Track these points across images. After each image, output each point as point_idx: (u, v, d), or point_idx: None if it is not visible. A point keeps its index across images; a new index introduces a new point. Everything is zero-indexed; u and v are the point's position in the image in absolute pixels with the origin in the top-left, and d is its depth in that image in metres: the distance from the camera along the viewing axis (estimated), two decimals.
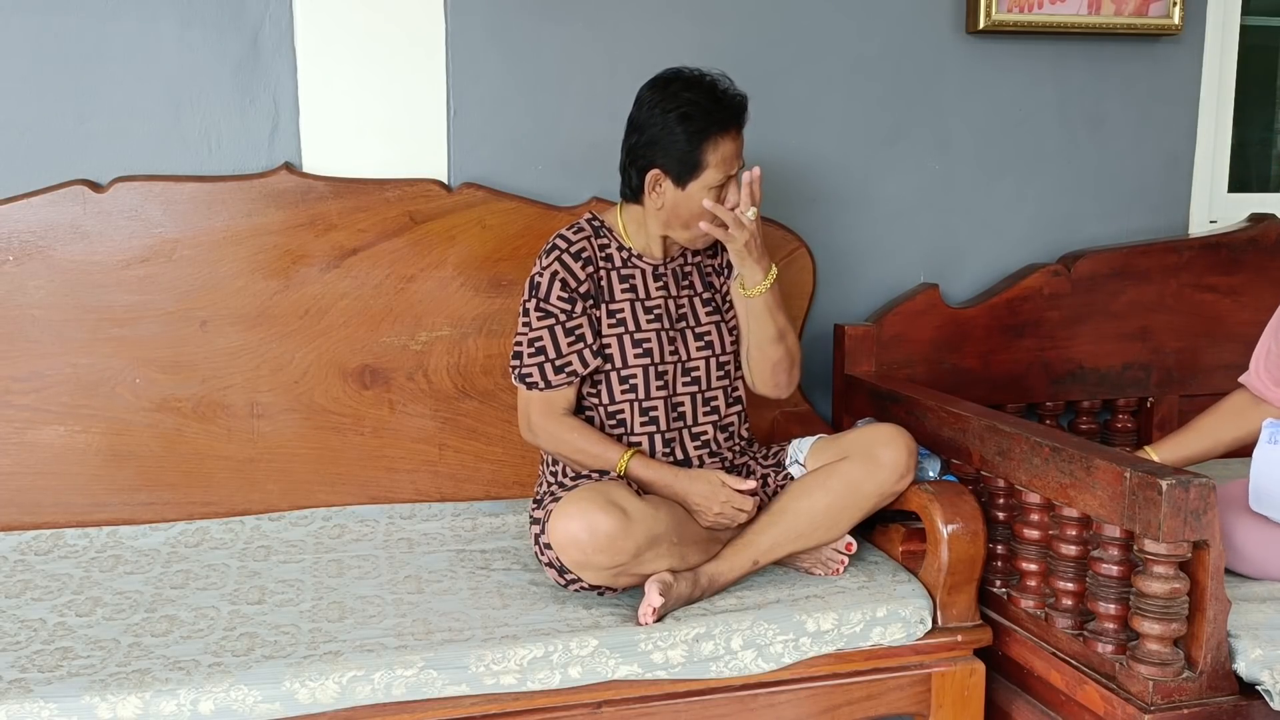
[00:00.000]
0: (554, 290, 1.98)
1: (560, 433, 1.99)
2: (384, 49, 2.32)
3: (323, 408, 2.30)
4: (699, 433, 2.07)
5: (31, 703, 1.55)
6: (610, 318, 2.02)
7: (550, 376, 1.98)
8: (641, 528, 1.79)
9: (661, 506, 1.88)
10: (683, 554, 1.88)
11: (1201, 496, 1.60)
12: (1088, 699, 1.77)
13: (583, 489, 1.84)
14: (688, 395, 2.07)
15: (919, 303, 2.57)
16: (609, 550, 1.77)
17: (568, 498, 1.82)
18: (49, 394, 2.18)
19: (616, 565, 1.79)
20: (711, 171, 1.93)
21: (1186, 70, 2.78)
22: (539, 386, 1.99)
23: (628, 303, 2.03)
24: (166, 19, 2.22)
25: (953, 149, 2.67)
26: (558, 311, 1.98)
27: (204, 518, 2.22)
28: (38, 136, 2.19)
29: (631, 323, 2.03)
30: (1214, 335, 2.74)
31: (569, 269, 1.99)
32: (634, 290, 2.04)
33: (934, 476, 2.04)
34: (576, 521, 1.77)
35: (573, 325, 1.98)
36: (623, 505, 1.79)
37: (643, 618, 1.78)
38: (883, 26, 2.58)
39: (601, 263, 2.03)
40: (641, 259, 2.06)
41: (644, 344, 2.02)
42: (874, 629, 1.86)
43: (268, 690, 1.61)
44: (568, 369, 1.99)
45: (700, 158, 1.92)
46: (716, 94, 1.94)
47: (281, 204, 2.25)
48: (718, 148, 1.92)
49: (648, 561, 1.82)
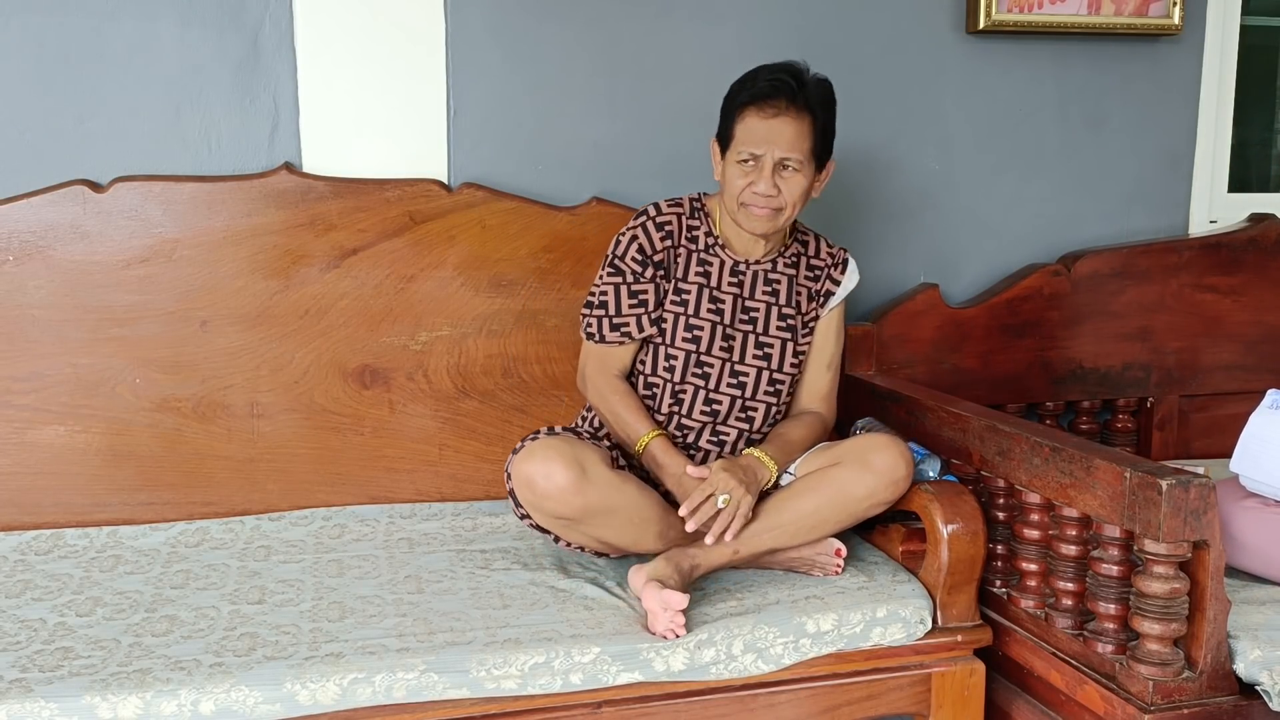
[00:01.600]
0: (630, 251, 2.03)
1: (606, 392, 2.04)
2: (384, 49, 2.32)
3: (323, 408, 2.29)
4: (723, 433, 2.08)
5: (32, 703, 1.55)
6: (676, 295, 2.05)
7: (606, 332, 2.04)
8: (596, 492, 1.84)
9: (630, 483, 1.89)
10: (637, 535, 1.90)
11: (1201, 496, 1.61)
12: (1088, 699, 1.77)
13: (559, 438, 1.89)
14: (728, 396, 2.06)
15: (919, 303, 2.57)
16: (557, 500, 1.83)
17: (543, 441, 1.88)
18: (49, 394, 2.18)
19: (563, 517, 1.87)
20: (737, 144, 1.96)
21: (1186, 70, 2.78)
22: (595, 339, 2.05)
23: (696, 286, 2.05)
24: (166, 19, 2.22)
25: (953, 149, 2.67)
26: (627, 271, 2.03)
27: (204, 518, 2.22)
28: (38, 136, 2.19)
29: (692, 306, 2.04)
30: (1214, 335, 2.74)
31: (649, 235, 2.04)
32: (706, 277, 2.05)
33: (934, 476, 2.04)
34: (536, 465, 1.84)
35: (638, 289, 2.02)
36: (584, 465, 1.84)
37: (666, 633, 1.75)
38: (883, 26, 2.58)
39: (684, 241, 2.05)
40: (725, 250, 2.07)
41: (695, 330, 2.04)
42: (874, 629, 1.86)
43: (269, 691, 1.61)
44: (624, 329, 2.03)
45: (732, 125, 1.97)
46: (766, 71, 1.97)
47: (281, 204, 2.25)
48: (745, 119, 1.95)
49: (599, 526, 1.88)
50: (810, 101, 1.95)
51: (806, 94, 1.95)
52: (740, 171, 1.96)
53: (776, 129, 1.93)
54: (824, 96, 1.99)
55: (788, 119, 1.93)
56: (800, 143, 1.95)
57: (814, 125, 1.96)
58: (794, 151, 1.94)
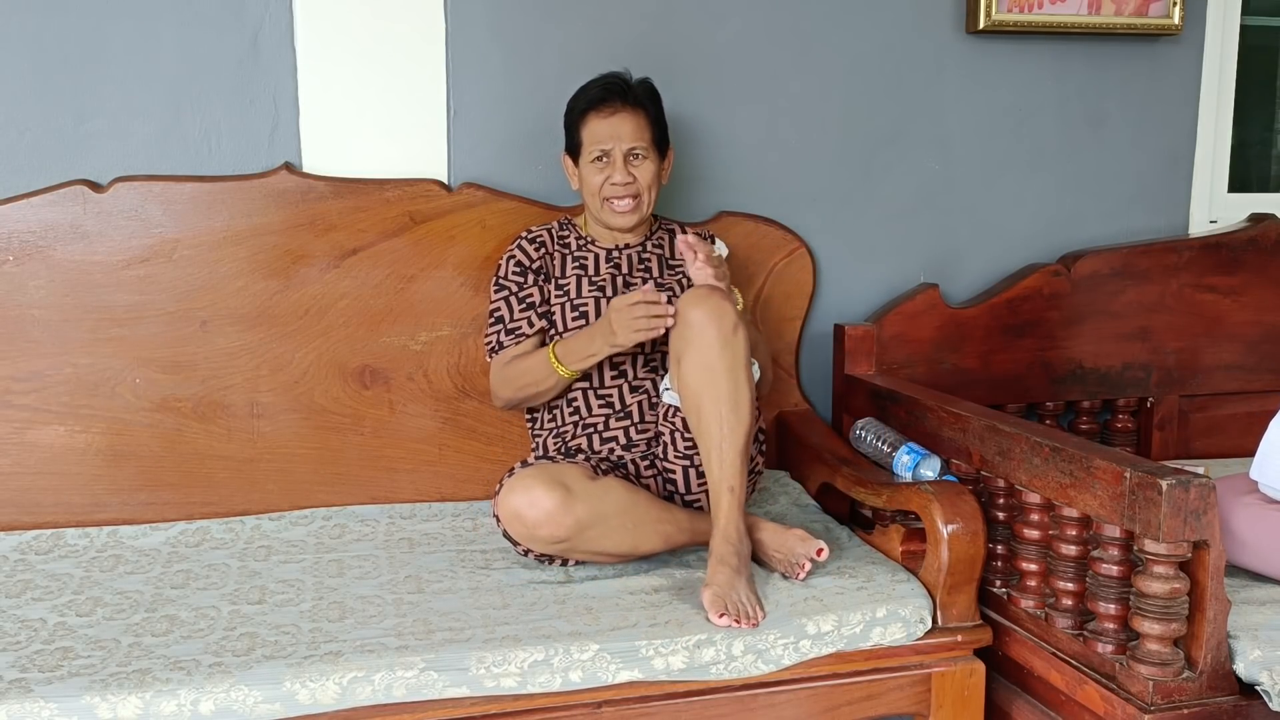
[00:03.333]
0: (509, 270, 2.23)
1: (506, 375, 2.18)
2: (384, 49, 2.32)
3: (323, 408, 2.30)
4: (636, 385, 2.15)
5: (32, 703, 1.55)
6: (558, 289, 2.21)
7: (503, 339, 2.20)
8: (584, 505, 1.87)
9: (614, 487, 1.93)
10: (635, 537, 1.92)
11: (1201, 496, 1.61)
12: (1088, 699, 1.77)
13: (534, 467, 1.95)
14: (628, 355, 2.15)
15: (919, 303, 2.57)
16: (549, 524, 1.87)
17: (520, 474, 1.93)
18: (49, 394, 2.18)
19: (559, 540, 1.89)
20: (587, 147, 2.16)
21: (1186, 70, 2.78)
22: (495, 350, 2.21)
23: (575, 277, 2.22)
24: (166, 19, 2.22)
25: (953, 149, 2.67)
26: (511, 285, 2.22)
27: (204, 518, 2.22)
28: (38, 136, 2.19)
29: (574, 292, 2.21)
30: (1214, 335, 2.74)
31: (524, 251, 2.24)
32: (584, 268, 2.23)
33: (934, 476, 2.04)
34: (520, 496, 1.89)
35: (524, 294, 2.21)
36: (567, 483, 1.89)
37: (721, 620, 1.78)
38: (883, 26, 2.58)
39: (557, 247, 2.25)
40: (595, 244, 2.26)
41: (580, 308, 2.18)
42: (874, 629, 1.86)
43: (268, 691, 1.61)
44: (518, 331, 2.19)
45: (578, 132, 2.17)
46: (595, 81, 2.18)
47: (281, 204, 2.25)
48: (588, 123, 2.16)
49: (595, 539, 1.90)
50: (640, 98, 2.18)
51: (635, 92, 2.18)
52: (595, 169, 2.16)
53: (617, 124, 2.15)
54: (650, 92, 2.21)
55: (625, 114, 2.15)
56: (641, 133, 2.16)
57: (649, 116, 2.18)
58: (638, 140, 2.16)
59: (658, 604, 1.86)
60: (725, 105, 2.50)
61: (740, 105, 2.51)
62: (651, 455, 2.12)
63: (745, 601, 1.81)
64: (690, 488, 2.09)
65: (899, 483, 2.06)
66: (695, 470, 2.07)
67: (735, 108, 2.51)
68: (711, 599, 1.80)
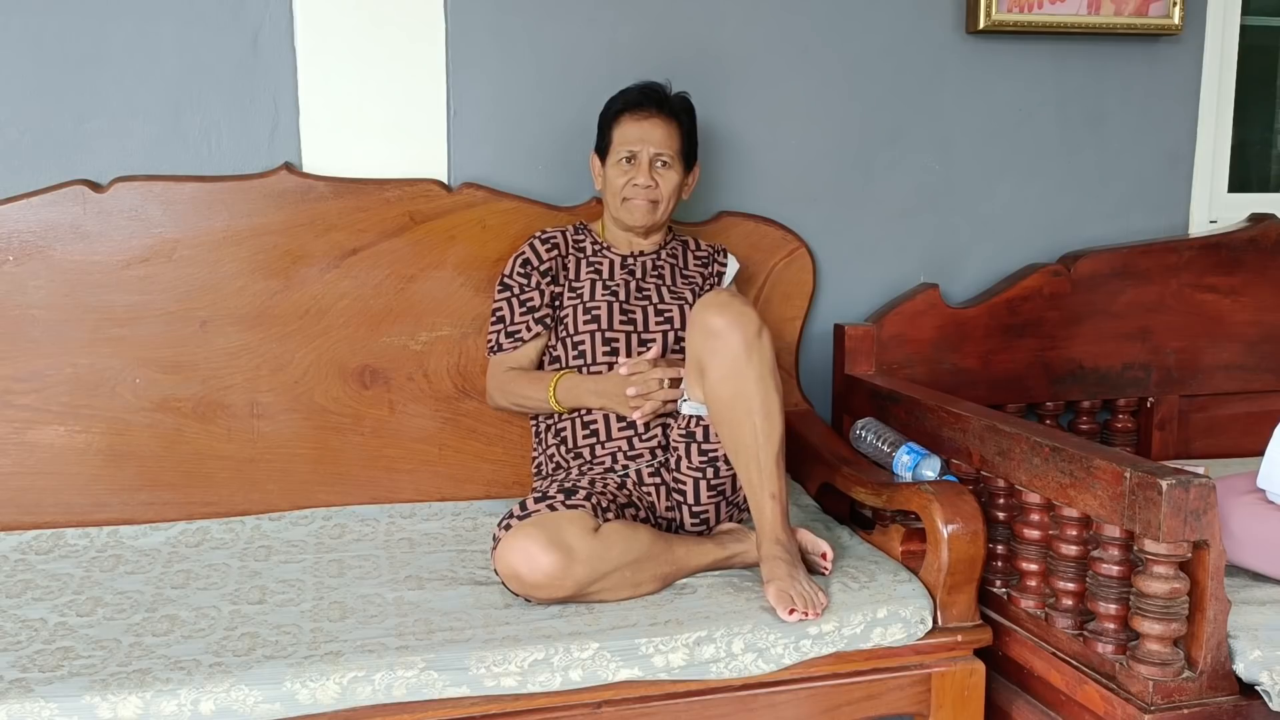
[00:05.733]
0: (515, 269, 2.24)
1: (504, 384, 2.21)
2: (384, 49, 2.32)
3: (323, 408, 2.30)
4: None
5: (32, 702, 1.55)
6: (571, 292, 2.22)
7: (503, 340, 2.22)
8: (585, 568, 1.80)
9: (616, 542, 1.83)
10: (634, 586, 1.87)
11: (1201, 496, 1.61)
12: (1088, 699, 1.77)
13: (532, 521, 1.83)
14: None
15: (919, 303, 2.57)
16: (549, 587, 1.80)
17: (517, 529, 1.82)
18: (49, 394, 2.18)
19: (558, 599, 1.83)
20: (616, 147, 2.18)
21: (1186, 70, 2.78)
22: (494, 350, 2.23)
23: (590, 280, 2.22)
24: (166, 19, 2.22)
25: (953, 149, 2.67)
26: (515, 285, 2.23)
27: (204, 518, 2.22)
28: (38, 136, 2.19)
29: (588, 293, 2.21)
30: (1214, 335, 2.74)
31: (535, 251, 2.24)
32: (598, 272, 2.24)
33: (934, 476, 2.04)
34: (518, 556, 1.80)
35: (526, 296, 2.21)
36: (569, 543, 1.79)
37: (791, 617, 1.80)
38: (882, 26, 2.58)
39: (572, 250, 2.26)
40: (611, 249, 2.26)
41: (594, 310, 2.18)
42: (874, 629, 1.86)
43: (268, 690, 1.61)
44: (516, 334, 2.21)
45: (610, 132, 2.20)
46: (635, 86, 2.21)
47: (281, 204, 2.25)
48: (622, 124, 2.18)
49: (597, 594, 1.84)
50: (676, 109, 2.21)
51: (672, 103, 2.21)
52: (620, 170, 2.18)
53: (649, 129, 2.18)
54: (687, 106, 2.25)
55: (658, 121, 2.18)
56: (671, 142, 2.19)
57: (680, 128, 2.21)
58: (666, 148, 2.18)
59: (657, 603, 1.86)
60: (725, 105, 2.50)
61: (740, 105, 2.52)
62: (656, 464, 2.10)
63: (808, 590, 1.83)
64: (700, 498, 2.05)
65: (899, 483, 2.06)
66: (707, 484, 2.04)
67: (735, 108, 2.51)
68: (777, 594, 1.81)
